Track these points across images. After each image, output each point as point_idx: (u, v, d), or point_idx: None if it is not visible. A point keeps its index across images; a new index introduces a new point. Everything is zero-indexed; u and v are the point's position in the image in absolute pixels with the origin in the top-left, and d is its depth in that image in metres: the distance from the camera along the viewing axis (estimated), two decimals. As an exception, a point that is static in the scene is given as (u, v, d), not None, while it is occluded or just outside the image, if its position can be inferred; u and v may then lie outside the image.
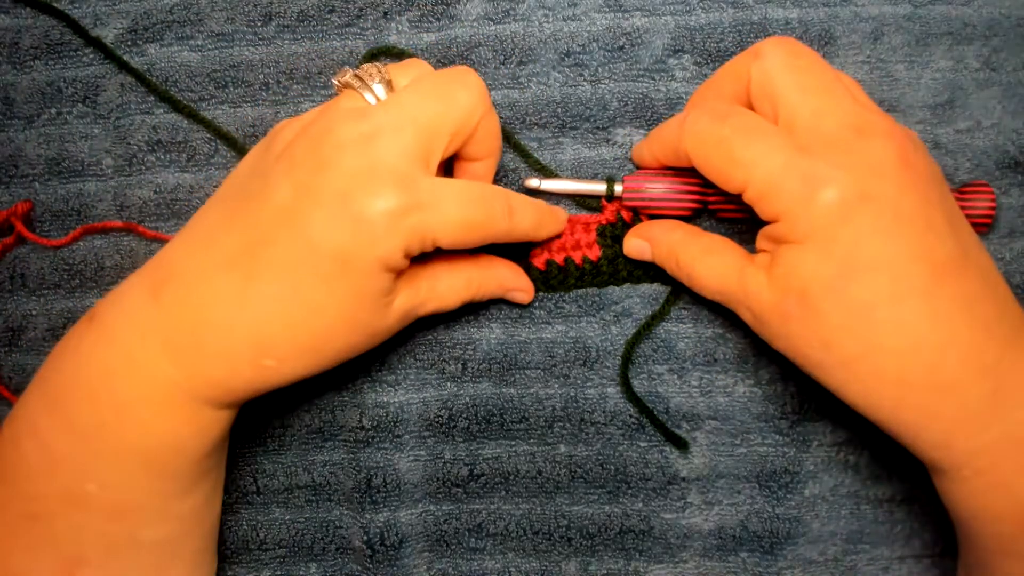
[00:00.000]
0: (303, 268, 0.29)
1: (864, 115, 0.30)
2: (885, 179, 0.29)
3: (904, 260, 0.28)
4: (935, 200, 0.29)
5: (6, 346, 0.40)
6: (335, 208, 0.29)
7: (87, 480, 0.30)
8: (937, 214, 0.29)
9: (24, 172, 0.41)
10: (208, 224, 0.32)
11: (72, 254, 0.40)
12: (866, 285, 0.28)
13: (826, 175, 0.29)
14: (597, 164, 0.40)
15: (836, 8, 0.40)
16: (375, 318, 0.32)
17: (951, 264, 0.28)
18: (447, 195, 0.30)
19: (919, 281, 0.28)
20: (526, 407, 0.39)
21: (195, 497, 0.33)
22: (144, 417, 0.30)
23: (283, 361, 0.31)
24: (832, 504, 0.38)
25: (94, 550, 0.31)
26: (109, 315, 0.31)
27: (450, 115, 0.31)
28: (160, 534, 0.32)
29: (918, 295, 0.28)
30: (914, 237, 0.28)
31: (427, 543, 0.39)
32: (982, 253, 0.30)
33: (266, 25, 0.41)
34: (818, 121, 0.30)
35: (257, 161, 0.32)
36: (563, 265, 0.39)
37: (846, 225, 0.28)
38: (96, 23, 0.41)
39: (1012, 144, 0.39)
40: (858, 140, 0.29)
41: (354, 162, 0.29)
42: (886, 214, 0.28)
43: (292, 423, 0.39)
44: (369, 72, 0.33)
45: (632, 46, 0.40)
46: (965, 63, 0.39)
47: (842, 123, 0.30)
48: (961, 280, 0.29)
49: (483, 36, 0.40)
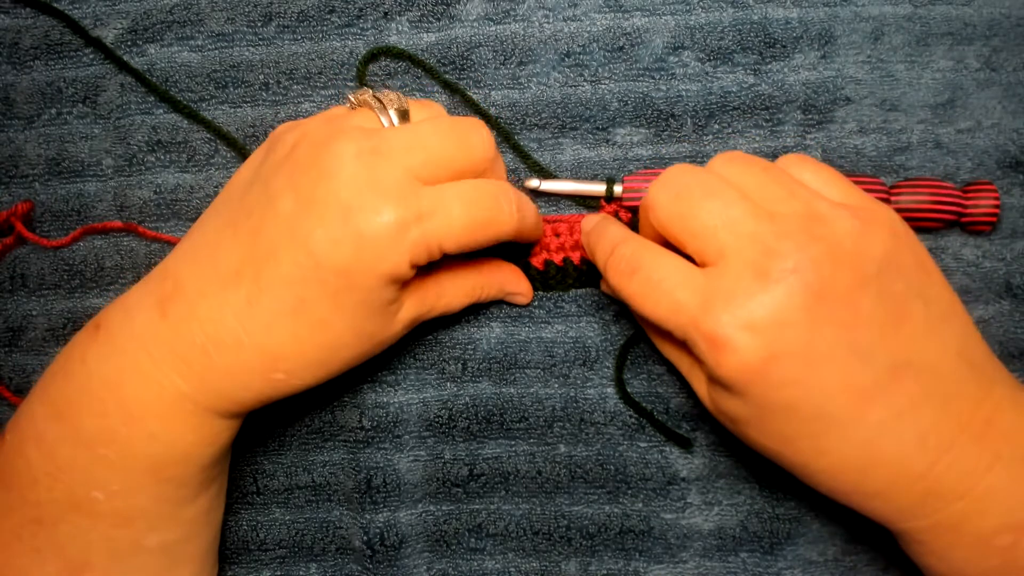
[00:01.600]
0: (308, 283, 0.29)
1: (769, 246, 0.28)
2: (792, 328, 0.27)
3: (819, 399, 0.28)
4: (865, 312, 0.28)
5: (6, 346, 0.40)
6: (338, 225, 0.29)
7: (93, 487, 0.30)
8: (864, 331, 0.28)
9: (24, 172, 0.41)
10: (212, 234, 0.32)
11: (72, 254, 0.40)
12: (784, 424, 0.29)
13: (729, 340, 0.27)
14: (597, 164, 0.40)
15: (836, 8, 0.40)
16: (382, 328, 0.32)
17: (879, 383, 0.28)
18: (450, 197, 0.30)
19: (839, 413, 0.28)
20: (526, 407, 0.39)
21: (201, 503, 0.33)
22: (152, 427, 0.30)
23: (292, 374, 0.31)
24: (832, 504, 0.38)
25: (99, 555, 0.31)
26: (116, 326, 0.31)
27: (461, 154, 0.31)
28: (165, 539, 0.32)
29: (837, 428, 0.28)
30: (831, 372, 0.27)
31: (427, 543, 0.39)
32: (932, 341, 0.29)
33: (266, 25, 0.41)
34: (721, 272, 0.28)
35: (259, 166, 0.32)
36: (561, 265, 0.39)
37: (757, 383, 0.28)
38: (96, 23, 0.41)
39: (1013, 144, 0.39)
40: (761, 287, 0.27)
41: (357, 173, 0.29)
42: (796, 363, 0.27)
43: (292, 423, 0.39)
44: (389, 97, 0.33)
45: (632, 46, 0.40)
46: (965, 63, 0.39)
47: (744, 265, 0.28)
48: (892, 395, 0.28)
49: (483, 36, 0.40)
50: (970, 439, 0.28)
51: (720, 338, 0.27)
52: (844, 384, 0.28)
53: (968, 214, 0.38)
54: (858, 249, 0.28)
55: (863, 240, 0.28)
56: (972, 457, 0.28)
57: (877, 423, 0.28)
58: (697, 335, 0.28)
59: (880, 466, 0.28)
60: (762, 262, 0.28)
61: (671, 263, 0.30)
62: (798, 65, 0.39)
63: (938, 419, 0.28)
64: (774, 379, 0.28)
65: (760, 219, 0.28)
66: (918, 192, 0.38)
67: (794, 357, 0.27)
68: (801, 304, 0.27)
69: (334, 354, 0.31)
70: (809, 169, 0.32)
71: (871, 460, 0.28)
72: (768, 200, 0.29)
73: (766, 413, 0.28)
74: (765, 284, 0.27)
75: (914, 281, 0.29)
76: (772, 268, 0.27)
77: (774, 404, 0.28)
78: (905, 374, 0.28)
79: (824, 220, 0.28)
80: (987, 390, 0.29)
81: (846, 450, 0.28)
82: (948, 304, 0.30)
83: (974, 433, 0.28)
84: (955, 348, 0.29)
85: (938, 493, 0.28)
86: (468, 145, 0.32)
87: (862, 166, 0.39)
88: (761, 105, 0.39)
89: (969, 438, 0.28)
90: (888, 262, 0.28)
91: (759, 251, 0.28)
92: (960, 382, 0.29)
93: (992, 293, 0.39)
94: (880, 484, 0.29)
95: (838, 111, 0.39)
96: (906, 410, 0.28)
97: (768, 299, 0.27)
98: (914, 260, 0.30)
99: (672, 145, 0.39)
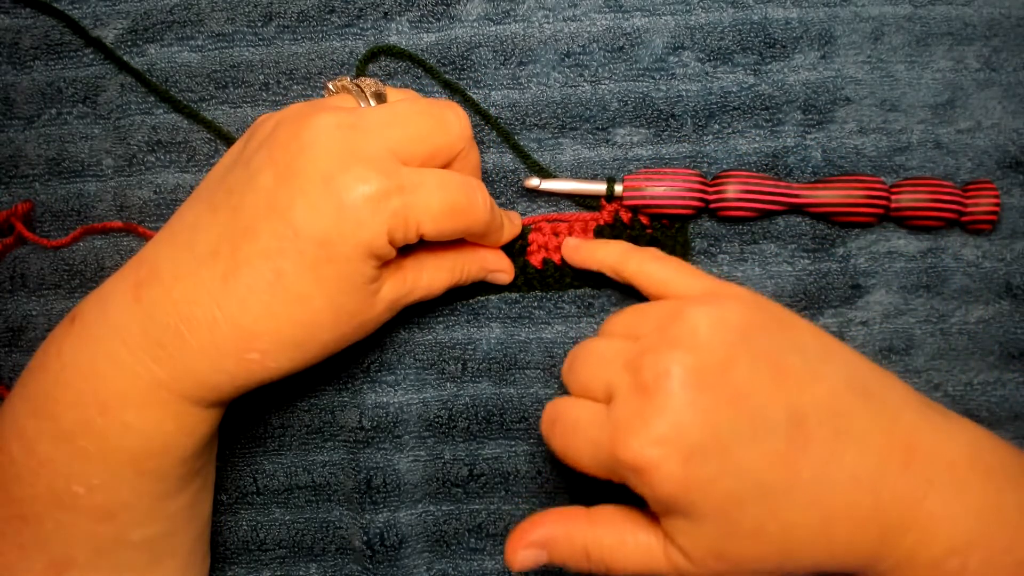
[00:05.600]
0: (287, 256, 0.29)
1: (637, 364, 0.30)
2: (691, 424, 0.28)
3: (751, 478, 0.29)
4: (744, 380, 0.29)
5: (6, 346, 0.40)
6: (318, 193, 0.29)
7: (74, 482, 0.30)
8: (752, 398, 0.29)
9: (24, 172, 0.41)
10: (191, 218, 0.31)
11: (72, 254, 0.40)
12: (741, 518, 0.29)
13: (647, 460, 0.28)
14: (597, 164, 0.40)
15: (836, 8, 0.40)
16: (362, 308, 0.32)
17: (791, 440, 0.29)
18: (429, 180, 0.31)
19: (775, 483, 0.29)
20: (526, 407, 0.39)
21: (184, 497, 0.33)
22: (129, 418, 0.30)
23: (267, 354, 0.30)
24: None
25: (82, 551, 0.31)
26: (91, 316, 0.31)
27: (437, 133, 0.32)
28: (149, 534, 0.32)
29: (783, 498, 0.29)
30: (746, 449, 0.28)
31: (427, 543, 0.39)
32: (818, 384, 0.30)
33: (266, 25, 0.41)
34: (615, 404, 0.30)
35: (239, 152, 0.32)
36: (560, 264, 0.39)
37: (692, 489, 0.28)
38: (96, 23, 0.41)
39: (1013, 144, 0.39)
40: (647, 401, 0.29)
41: (336, 146, 0.29)
42: (713, 454, 0.28)
43: (292, 423, 0.39)
44: (366, 83, 0.34)
45: (632, 46, 0.40)
46: (965, 63, 0.39)
47: (628, 390, 0.30)
48: (808, 448, 0.29)
49: (483, 36, 0.40)
50: (898, 468, 0.29)
51: (639, 462, 0.28)
52: (763, 454, 0.29)
53: (968, 213, 0.38)
54: (715, 328, 0.30)
55: (717, 318, 0.30)
56: (906, 486, 0.29)
57: (811, 479, 0.29)
58: (621, 468, 0.29)
59: (835, 520, 0.29)
60: (638, 381, 0.29)
61: (582, 407, 0.31)
62: (798, 65, 0.39)
63: (860, 456, 0.29)
64: (703, 477, 0.28)
65: (626, 347, 0.31)
66: (918, 192, 0.38)
67: (707, 449, 0.28)
68: (685, 400, 0.28)
69: (312, 334, 0.31)
70: (655, 261, 0.35)
71: (825, 515, 0.29)
72: (634, 328, 0.32)
73: (720, 518, 0.29)
74: (649, 398, 0.29)
75: (780, 337, 0.31)
76: (647, 381, 0.29)
77: (719, 503, 0.29)
78: (807, 423, 0.29)
79: (677, 319, 0.30)
80: (893, 417, 0.30)
81: (801, 516, 0.29)
82: (822, 346, 0.31)
83: (899, 462, 0.29)
84: (844, 385, 0.30)
85: (890, 528, 0.29)
86: (445, 123, 0.32)
87: (862, 166, 0.39)
88: (761, 105, 0.39)
89: (896, 467, 0.29)
90: (748, 327, 0.30)
91: (632, 373, 0.30)
92: (862, 416, 0.30)
93: (992, 293, 0.39)
94: (843, 536, 0.29)
95: (838, 111, 0.39)
96: (827, 457, 0.29)
97: (655, 410, 0.28)
98: (773, 318, 0.32)
99: (672, 145, 0.39)
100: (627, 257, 0.36)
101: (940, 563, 0.29)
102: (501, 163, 0.40)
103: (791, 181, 0.39)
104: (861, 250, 0.39)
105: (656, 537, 0.31)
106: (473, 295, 0.39)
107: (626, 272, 0.36)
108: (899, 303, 0.39)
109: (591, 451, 0.30)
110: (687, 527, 0.29)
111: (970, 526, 0.29)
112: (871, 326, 0.39)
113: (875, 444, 0.29)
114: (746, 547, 0.29)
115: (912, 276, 0.39)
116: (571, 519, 0.32)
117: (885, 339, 0.39)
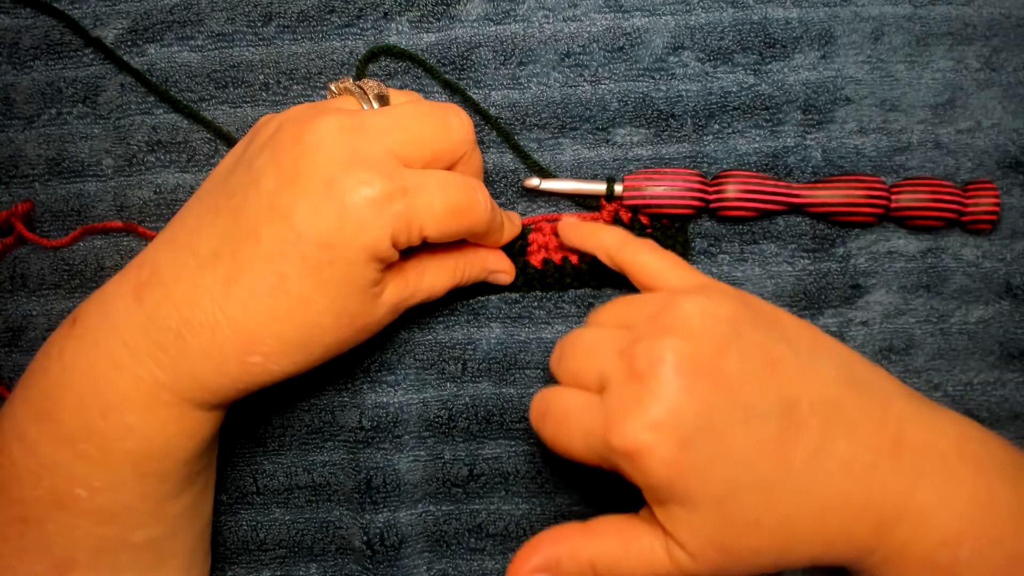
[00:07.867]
0: (289, 259, 0.29)
1: (631, 352, 0.30)
2: (686, 410, 0.28)
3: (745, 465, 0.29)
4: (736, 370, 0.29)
5: (6, 346, 0.40)
6: (320, 196, 0.29)
7: (76, 484, 0.30)
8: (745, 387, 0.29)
9: (24, 172, 0.41)
10: (192, 219, 0.31)
11: (72, 254, 0.40)
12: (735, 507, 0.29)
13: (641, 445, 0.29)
14: (597, 164, 0.40)
15: (836, 8, 0.40)
16: (364, 310, 0.32)
17: (783, 429, 0.29)
18: (431, 182, 0.31)
19: (769, 472, 0.29)
20: (526, 407, 0.39)
21: (186, 498, 0.33)
22: (131, 420, 0.30)
23: (269, 357, 0.30)
24: None
25: (85, 552, 0.31)
26: (92, 318, 0.31)
27: (440, 136, 0.32)
28: (151, 535, 0.32)
29: (778, 487, 0.29)
30: (740, 437, 0.29)
31: (427, 543, 0.39)
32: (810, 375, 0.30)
33: (266, 25, 0.41)
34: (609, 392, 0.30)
35: (241, 154, 0.32)
36: (560, 264, 0.39)
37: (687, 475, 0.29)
38: (96, 23, 0.41)
39: (1013, 144, 0.39)
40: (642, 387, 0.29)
41: (340, 147, 0.29)
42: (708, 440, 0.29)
43: (292, 423, 0.39)
44: (369, 85, 0.33)
45: (632, 46, 0.40)
46: (965, 63, 0.39)
47: (622, 378, 0.30)
48: (800, 436, 0.29)
49: (483, 36, 0.40)
50: (888, 459, 0.29)
51: (632, 447, 0.28)
52: (756, 442, 0.29)
53: (968, 213, 0.38)
54: (707, 319, 0.30)
55: (709, 310, 0.30)
56: (897, 476, 0.29)
57: (803, 467, 0.29)
58: (614, 455, 0.29)
59: (830, 510, 0.29)
60: (632, 368, 0.29)
61: (573, 396, 0.32)
62: (798, 65, 0.39)
63: (851, 446, 0.29)
64: (697, 462, 0.28)
65: (619, 336, 0.31)
66: (918, 192, 0.38)
67: (702, 435, 0.28)
68: (680, 387, 0.29)
69: (314, 337, 0.31)
70: (650, 252, 0.35)
71: (820, 505, 0.29)
72: (625, 318, 0.32)
73: (717, 507, 0.29)
74: (644, 384, 0.29)
75: (770, 330, 0.31)
76: (640, 368, 0.29)
77: (715, 490, 0.29)
78: (799, 411, 0.29)
79: (669, 308, 0.31)
80: (883, 408, 0.30)
81: (796, 506, 0.29)
82: (812, 339, 0.32)
83: (889, 453, 0.30)
84: (833, 376, 0.31)
85: (882, 519, 0.29)
86: (448, 127, 0.32)
87: (862, 166, 0.39)
88: (761, 105, 0.39)
89: (887, 458, 0.29)
90: (739, 320, 0.31)
91: (626, 361, 0.30)
92: (853, 407, 0.30)
93: (992, 293, 0.39)
94: (838, 527, 0.29)
95: (838, 111, 0.39)
96: (819, 445, 0.29)
97: (649, 395, 0.29)
98: (762, 313, 0.32)
99: (672, 145, 0.39)
100: (624, 245, 0.36)
101: (931, 555, 0.29)
102: (501, 163, 0.40)
103: (791, 181, 0.39)
104: (861, 250, 0.39)
105: (658, 539, 0.31)
106: (473, 295, 0.39)
107: (621, 259, 0.36)
108: (899, 303, 0.39)
109: (584, 439, 0.31)
110: (685, 516, 0.29)
111: (961, 518, 0.29)
112: (871, 326, 0.39)
113: (866, 434, 0.30)
114: (745, 539, 0.29)
115: (912, 276, 0.39)
116: (571, 536, 0.32)
117: (885, 339, 0.39)
